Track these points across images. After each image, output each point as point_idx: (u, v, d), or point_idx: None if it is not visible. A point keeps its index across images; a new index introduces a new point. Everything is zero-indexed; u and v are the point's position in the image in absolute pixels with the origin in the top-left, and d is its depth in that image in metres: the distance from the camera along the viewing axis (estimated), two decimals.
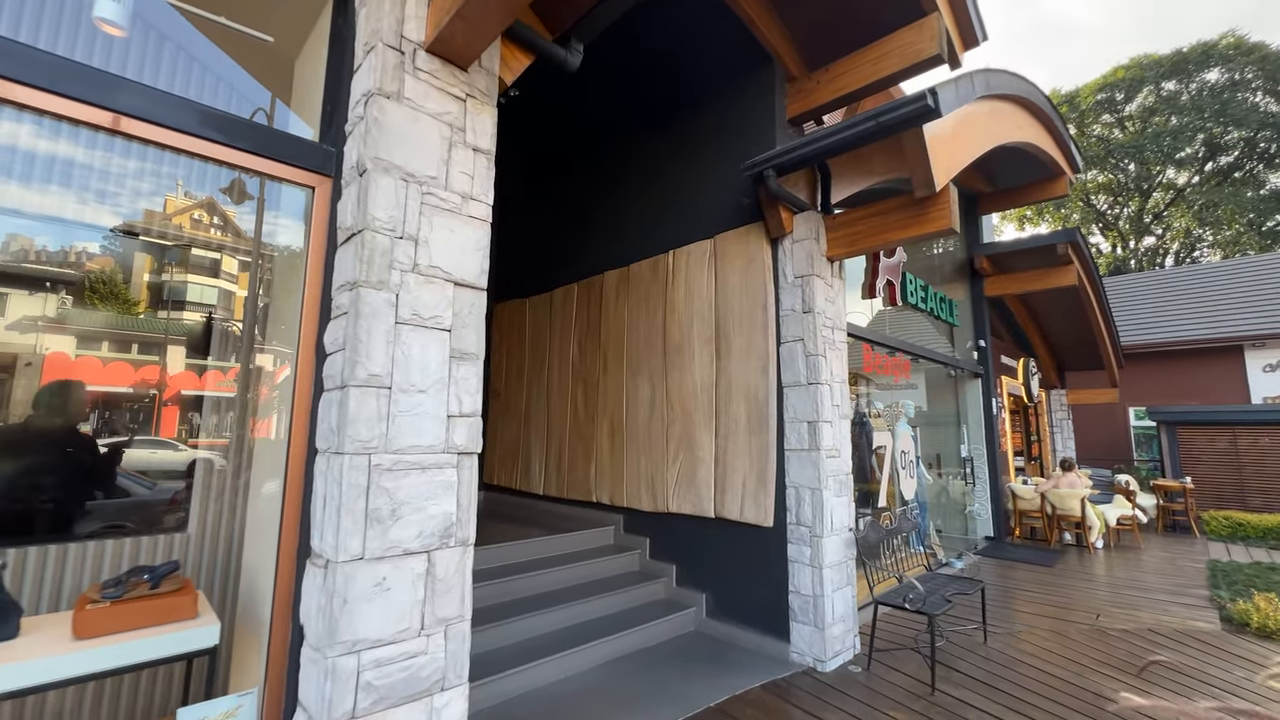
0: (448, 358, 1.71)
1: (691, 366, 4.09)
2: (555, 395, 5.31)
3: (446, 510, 1.65)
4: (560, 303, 5.41)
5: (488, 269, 1.85)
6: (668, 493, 4.14)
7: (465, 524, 1.71)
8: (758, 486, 3.57)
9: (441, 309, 1.71)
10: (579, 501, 4.93)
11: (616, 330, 4.76)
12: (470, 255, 1.80)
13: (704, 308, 4.06)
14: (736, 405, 3.77)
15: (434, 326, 1.69)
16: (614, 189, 5.07)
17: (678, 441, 4.12)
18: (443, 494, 1.65)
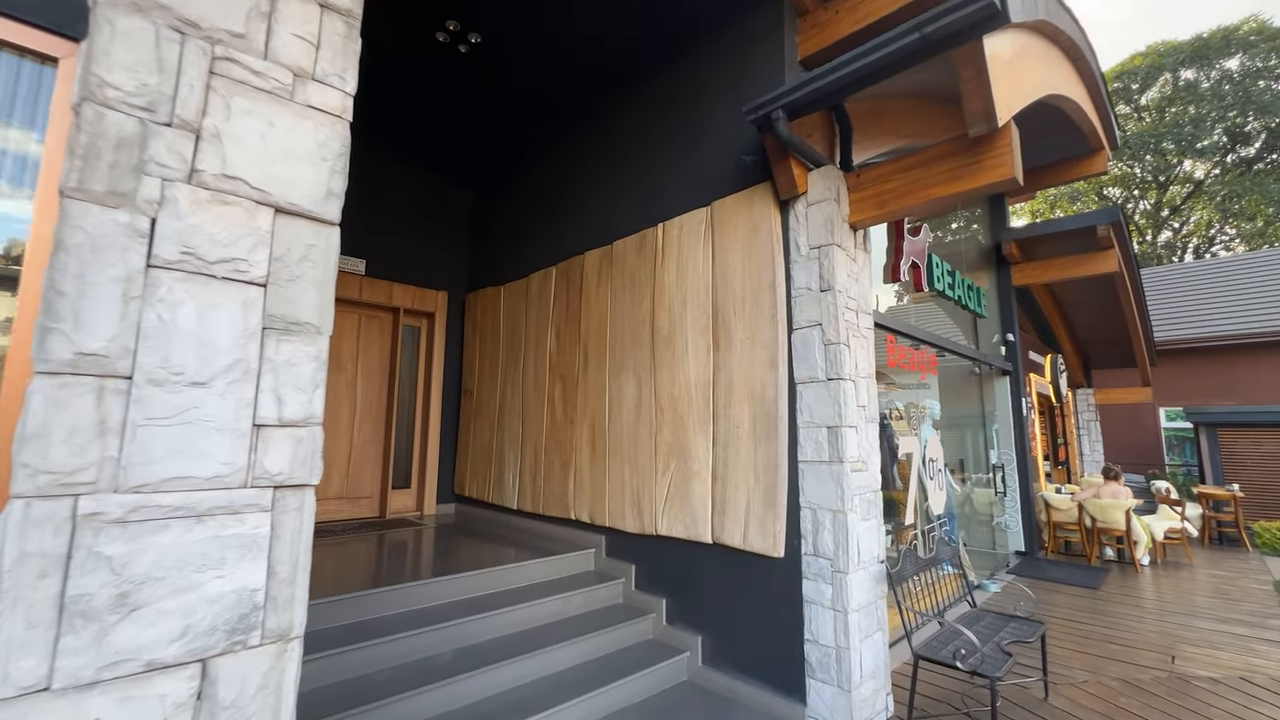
0: (256, 328, 1.04)
1: (684, 360, 3.41)
2: (531, 395, 4.63)
3: (243, 585, 0.98)
4: (537, 289, 4.74)
5: (340, 193, 1.18)
6: (656, 512, 3.45)
7: (284, 605, 1.03)
8: (765, 507, 2.89)
9: (244, 248, 1.03)
10: (556, 519, 4.25)
11: (598, 319, 4.08)
12: (307, 167, 1.12)
13: (699, 289, 3.38)
14: (739, 406, 3.08)
15: (228, 276, 1.01)
16: (598, 157, 4.40)
17: (668, 450, 3.43)
18: (237, 558, 0.97)
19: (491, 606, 3.04)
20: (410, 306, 5.32)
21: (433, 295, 5.48)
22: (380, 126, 4.90)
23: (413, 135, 5.05)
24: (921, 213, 2.71)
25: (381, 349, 5.27)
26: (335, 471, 4.91)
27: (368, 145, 5.11)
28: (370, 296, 5.06)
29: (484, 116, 4.69)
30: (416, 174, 5.49)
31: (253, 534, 0.99)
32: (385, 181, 5.25)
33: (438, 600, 3.06)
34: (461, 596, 3.15)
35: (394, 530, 4.49)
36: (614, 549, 3.77)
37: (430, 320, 5.54)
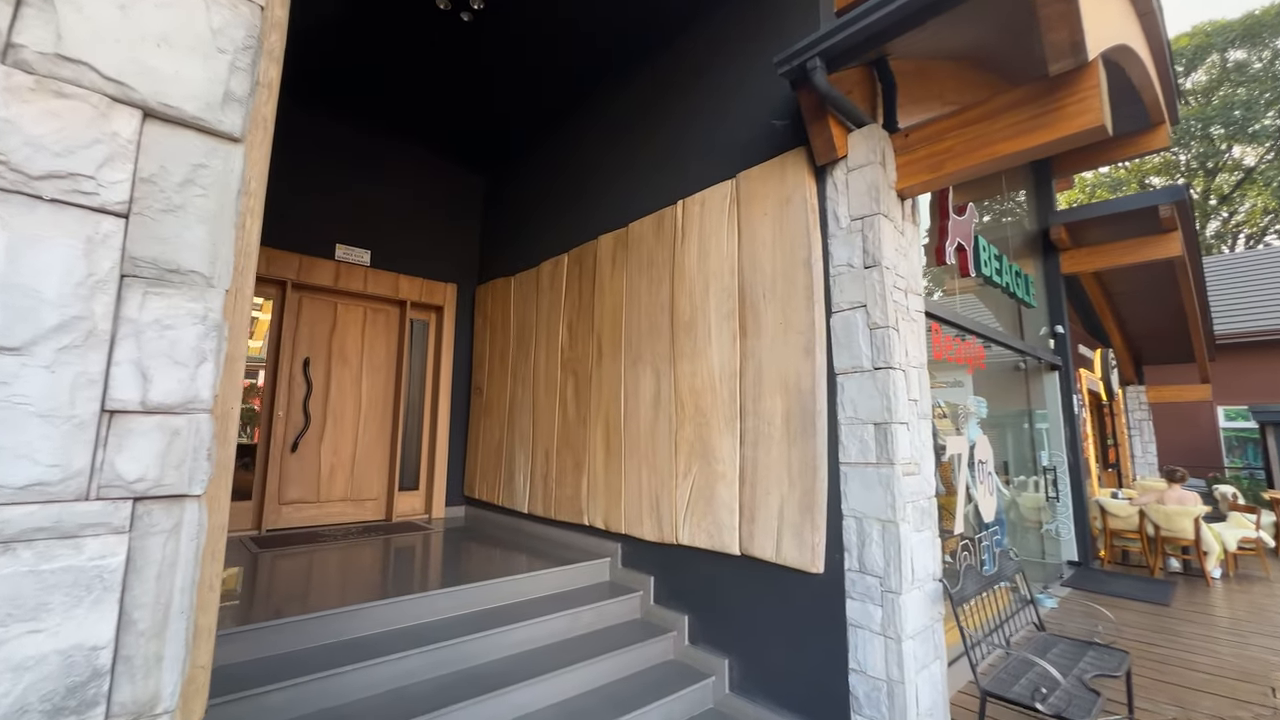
0: (109, 275, 0.73)
1: (707, 350, 3.07)
2: (542, 392, 4.33)
3: (76, 643, 0.67)
4: (548, 278, 4.44)
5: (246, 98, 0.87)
6: (677, 518, 3.11)
7: (146, 668, 0.72)
8: (801, 516, 2.53)
9: (90, 161, 0.73)
10: (569, 525, 3.93)
11: (613, 307, 3.76)
12: (195, 60, 0.82)
13: (723, 271, 3.04)
14: (769, 400, 2.73)
15: (62, 198, 0.71)
16: (613, 133, 4.08)
17: (690, 450, 3.09)
18: (67, 603, 0.67)
19: (494, 623, 2.74)
20: (418, 299, 5.07)
21: (441, 288, 5.23)
22: (383, 109, 4.66)
23: (419, 118, 4.80)
24: (985, 172, 2.33)
25: (388, 344, 5.03)
26: (340, 472, 4.67)
27: (371, 129, 4.88)
28: (376, 289, 4.83)
29: (492, 94, 4.41)
30: (424, 160, 5.24)
31: (94, 567, 0.69)
32: (391, 167, 5.01)
33: (436, 615, 2.77)
34: (461, 611, 2.86)
35: (398, 535, 4.24)
36: (631, 558, 3.45)
37: (439, 314, 5.29)
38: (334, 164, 4.68)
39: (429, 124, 4.88)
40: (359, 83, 4.34)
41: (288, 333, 4.51)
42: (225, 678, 2.06)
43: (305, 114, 4.54)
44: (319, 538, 4.04)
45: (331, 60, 4.07)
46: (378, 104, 4.62)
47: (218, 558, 0.94)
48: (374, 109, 4.70)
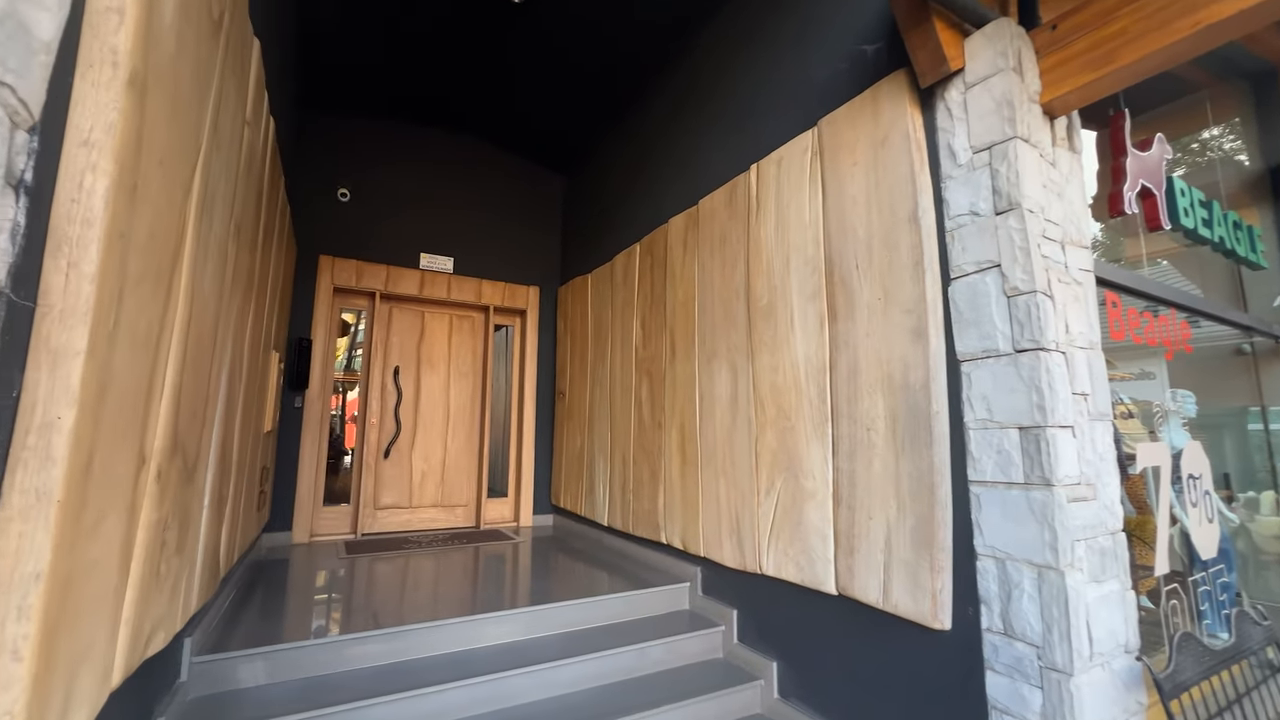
0: None
1: (789, 339, 2.52)
2: (618, 394, 4.01)
3: None
4: (621, 271, 4.11)
5: None
6: (760, 543, 2.60)
7: None
8: (915, 550, 1.91)
9: None
10: (647, 541, 3.55)
11: (684, 297, 3.32)
12: None
13: (806, 242, 2.48)
14: (868, 399, 2.13)
15: None
16: (684, 103, 3.66)
17: (772, 460, 2.56)
18: None
19: (547, 655, 2.43)
20: (500, 304, 5.02)
21: (523, 291, 5.14)
22: (461, 114, 4.66)
23: (497, 121, 4.75)
24: (1184, 57, 1.56)
25: (474, 350, 5.03)
26: (430, 478, 4.73)
27: (451, 136, 4.92)
28: (459, 295, 4.84)
29: (563, 83, 4.20)
30: (504, 162, 5.20)
31: None
32: (471, 173, 5.02)
33: (484, 642, 2.52)
34: (515, 638, 2.59)
35: (480, 544, 4.14)
36: (711, 585, 2.97)
37: (522, 318, 5.20)
38: (415, 174, 4.77)
39: (506, 125, 4.81)
40: (435, 90, 4.36)
41: (379, 342, 4.65)
42: (245, 701, 1.95)
43: (383, 126, 4.68)
44: (406, 543, 4.06)
45: (406, 71, 4.11)
46: (455, 110, 4.63)
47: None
48: (452, 115, 4.72)
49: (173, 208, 1.22)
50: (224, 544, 2.23)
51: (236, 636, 2.21)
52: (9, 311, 0.80)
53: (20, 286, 0.81)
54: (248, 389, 2.49)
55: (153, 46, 1.01)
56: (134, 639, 1.22)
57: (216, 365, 1.81)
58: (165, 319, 1.23)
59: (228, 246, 1.80)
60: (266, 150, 2.37)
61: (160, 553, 1.37)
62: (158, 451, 1.27)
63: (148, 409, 1.17)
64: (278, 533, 3.96)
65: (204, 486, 1.78)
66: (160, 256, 1.16)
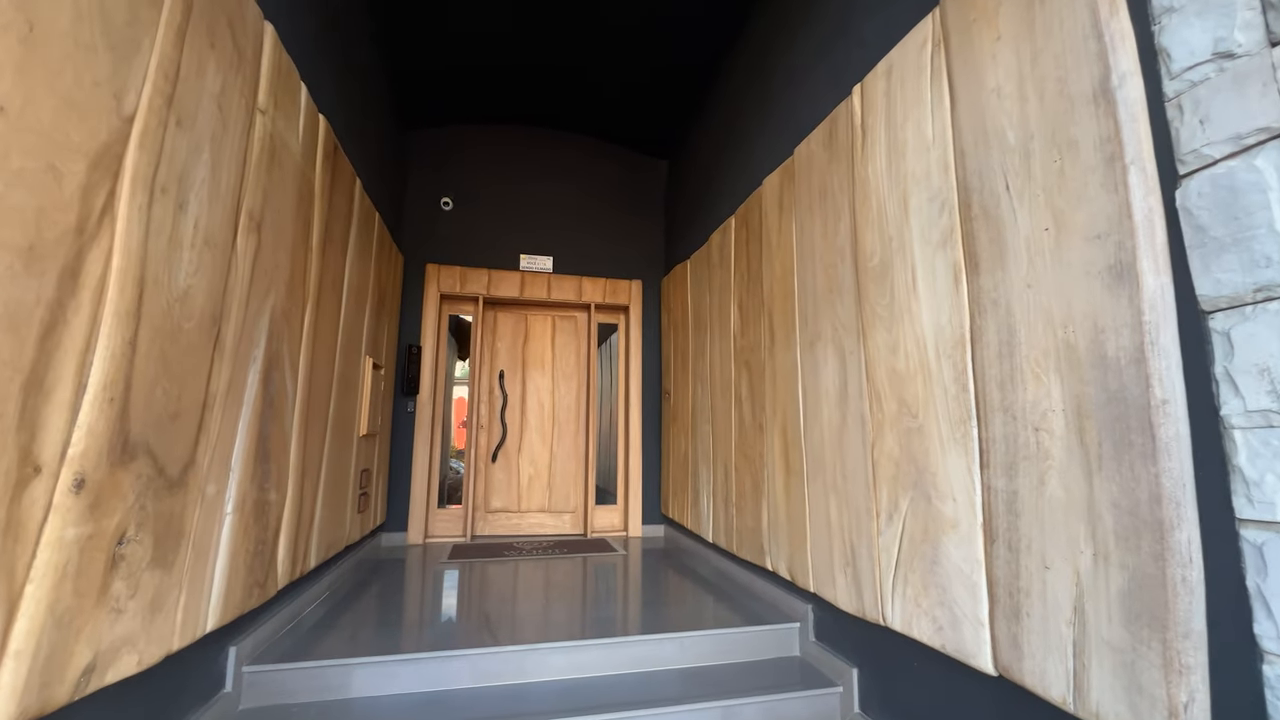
0: None
1: (910, 305, 1.83)
2: (718, 392, 3.49)
3: None
4: (718, 251, 3.60)
5: None
6: (881, 583, 1.93)
7: None
8: (1131, 627, 1.15)
9: None
10: (752, 565, 2.99)
11: (782, 268, 2.72)
12: None
13: (929, 168, 1.78)
14: (1034, 383, 1.40)
15: None
16: (771, 34, 3.07)
17: (894, 472, 1.89)
18: None
19: (610, 700, 2.03)
20: (602, 301, 4.78)
21: (625, 286, 4.85)
22: (555, 110, 4.53)
23: (588, 109, 4.54)
24: None
25: (577, 351, 4.85)
26: (537, 483, 4.63)
27: (545, 132, 4.82)
28: (560, 295, 4.70)
29: (652, 50, 3.83)
30: (601, 153, 4.98)
31: None
32: (568, 169, 4.87)
33: (545, 676, 2.20)
34: (577, 674, 2.23)
35: (581, 554, 3.89)
36: (826, 631, 2.33)
37: (625, 314, 4.91)
38: (513, 176, 4.74)
39: (600, 113, 4.59)
40: (528, 90, 4.28)
41: (486, 346, 4.68)
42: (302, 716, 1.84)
43: (481, 132, 4.71)
44: (510, 549, 3.96)
45: (499, 76, 4.07)
46: (548, 107, 4.52)
47: None
48: (545, 113, 4.62)
49: (56, 174, 1.04)
50: (283, 549, 2.19)
51: (305, 646, 2.15)
52: None
53: None
54: (316, 392, 2.48)
55: None
56: (46, 671, 1.07)
57: (232, 365, 1.72)
58: (60, 303, 1.06)
59: (236, 240, 1.70)
60: (316, 148, 2.32)
61: (112, 570, 1.23)
62: (75, 458, 1.11)
63: (28, 408, 1.00)
64: (395, 533, 4.11)
65: (218, 494, 1.68)
66: (30, 229, 0.98)
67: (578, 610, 2.71)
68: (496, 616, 2.60)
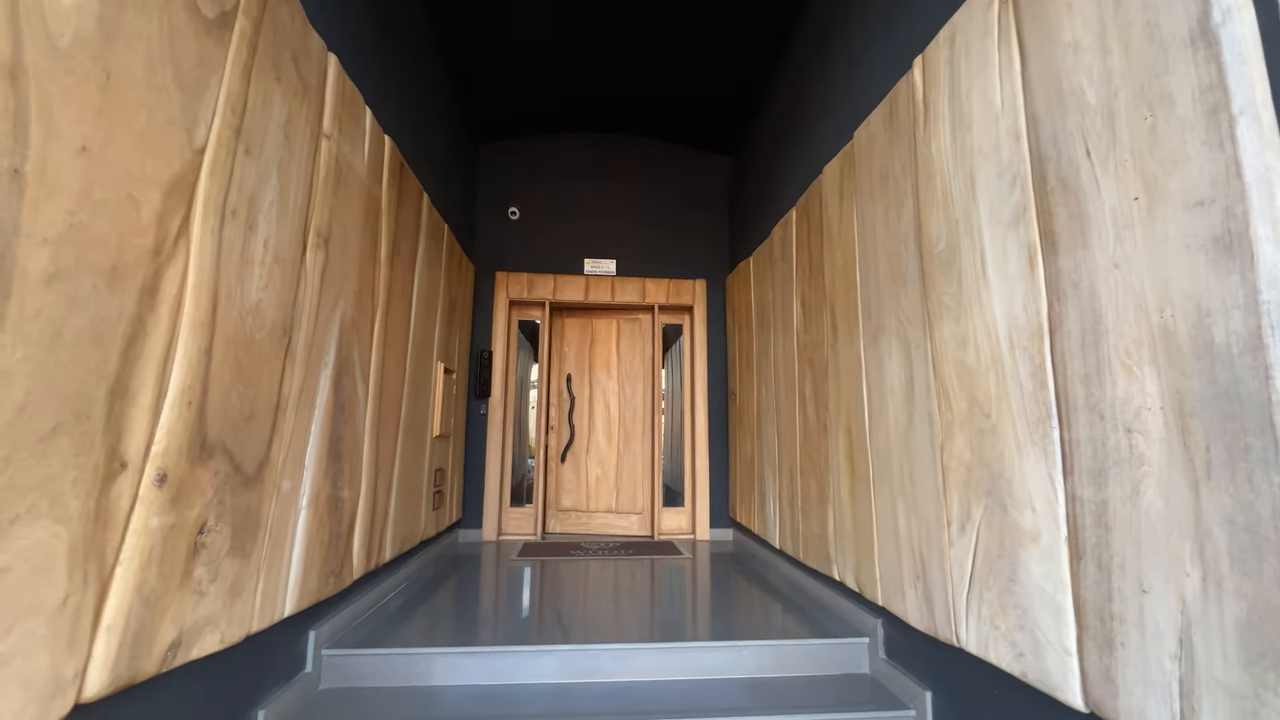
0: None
1: (980, 293, 1.66)
2: (782, 391, 3.36)
3: None
4: (779, 245, 3.46)
5: None
6: (954, 599, 1.75)
7: None
8: (1252, 669, 0.96)
9: None
10: (818, 574, 2.84)
11: (844, 259, 2.57)
12: None
13: (996, 140, 1.60)
14: (1125, 377, 1.21)
15: None
16: (823, 27, 2.91)
17: (965, 477, 1.71)
18: None
19: (674, 707, 1.99)
20: (666, 302, 4.76)
21: (689, 286, 4.79)
22: (617, 113, 4.58)
23: (649, 110, 4.55)
24: None
25: (642, 353, 4.86)
26: (605, 484, 4.68)
27: (607, 137, 4.87)
28: (623, 297, 4.73)
29: (708, 46, 3.78)
30: (662, 153, 4.96)
31: None
32: (629, 171, 4.89)
33: (595, 676, 2.20)
34: (629, 678, 2.21)
35: (647, 556, 3.88)
36: (897, 648, 2.16)
37: (689, 314, 4.86)
38: (576, 181, 4.83)
39: (661, 113, 4.58)
40: (586, 95, 4.36)
41: (555, 350, 4.81)
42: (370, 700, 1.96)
43: (545, 142, 4.84)
44: (577, 548, 4.03)
45: (553, 81, 4.17)
46: (611, 111, 4.57)
47: None
48: (607, 117, 4.67)
49: (134, 203, 1.17)
50: (358, 542, 2.36)
51: (379, 634, 2.30)
52: None
53: None
54: (388, 396, 2.65)
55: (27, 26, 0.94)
56: (136, 644, 1.20)
57: (304, 372, 1.87)
58: (141, 317, 1.19)
59: (304, 255, 1.85)
60: (382, 168, 2.48)
61: (193, 557, 1.37)
62: (157, 455, 1.25)
63: (114, 411, 1.13)
64: (471, 529, 4.31)
65: (293, 490, 1.83)
66: (109, 252, 1.11)
67: (639, 613, 2.70)
68: (559, 615, 2.64)
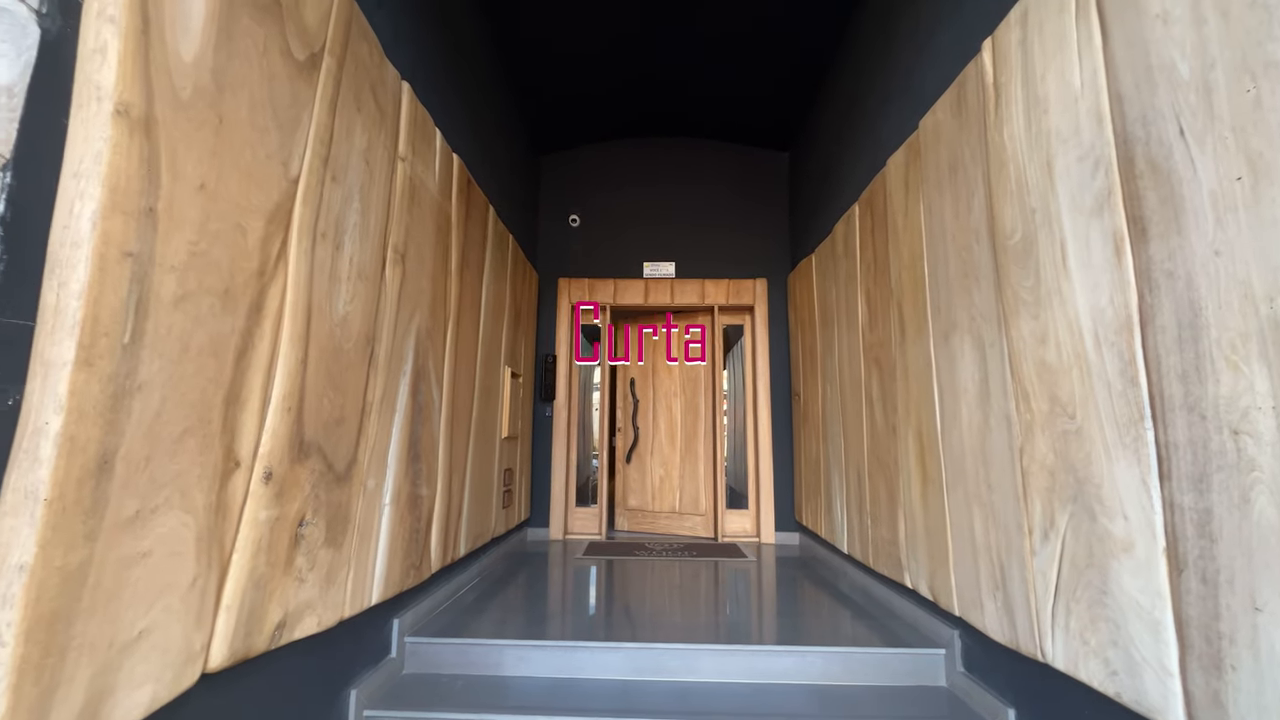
0: None
1: (1060, 286, 1.55)
2: (848, 391, 3.26)
3: None
4: (842, 241, 3.37)
5: None
6: (1037, 610, 1.65)
7: None
8: None
9: None
10: (890, 581, 2.74)
11: (910, 254, 2.47)
12: None
13: (1076, 120, 1.50)
14: (1230, 373, 1.11)
15: None
16: (886, 12, 2.81)
17: (1048, 481, 1.61)
18: None
19: (741, 709, 2.00)
20: (726, 303, 4.73)
21: (749, 285, 4.74)
22: (674, 114, 4.61)
23: (704, 110, 4.55)
24: None
25: (702, 353, 4.85)
26: (668, 485, 4.71)
27: (661, 140, 4.91)
28: (683, 299, 4.74)
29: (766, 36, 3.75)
30: (719, 153, 4.94)
31: None
32: (686, 173, 4.91)
33: (663, 676, 2.23)
34: (700, 679, 2.22)
35: (711, 559, 3.88)
36: (976, 661, 2.05)
37: (750, 314, 4.80)
38: (634, 185, 4.89)
39: (716, 111, 4.57)
40: (647, 102, 4.42)
41: (616, 353, 4.89)
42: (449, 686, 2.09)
43: (603, 148, 4.94)
44: (641, 549, 4.08)
45: (607, 89, 4.26)
46: (668, 113, 4.61)
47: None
48: (665, 120, 4.72)
49: (241, 231, 1.31)
50: (435, 537, 2.51)
51: (456, 624, 2.44)
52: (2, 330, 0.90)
53: (5, 307, 0.91)
54: (460, 400, 2.81)
55: (157, 84, 1.08)
56: (250, 623, 1.35)
57: (385, 379, 2.02)
58: (249, 332, 1.34)
59: (384, 271, 2.00)
60: (451, 185, 2.64)
61: (294, 547, 1.52)
62: (264, 455, 1.39)
63: (229, 416, 1.28)
64: (538, 528, 4.46)
65: (377, 488, 1.98)
66: (223, 276, 1.26)
67: (704, 614, 2.70)
68: (625, 613, 2.70)
